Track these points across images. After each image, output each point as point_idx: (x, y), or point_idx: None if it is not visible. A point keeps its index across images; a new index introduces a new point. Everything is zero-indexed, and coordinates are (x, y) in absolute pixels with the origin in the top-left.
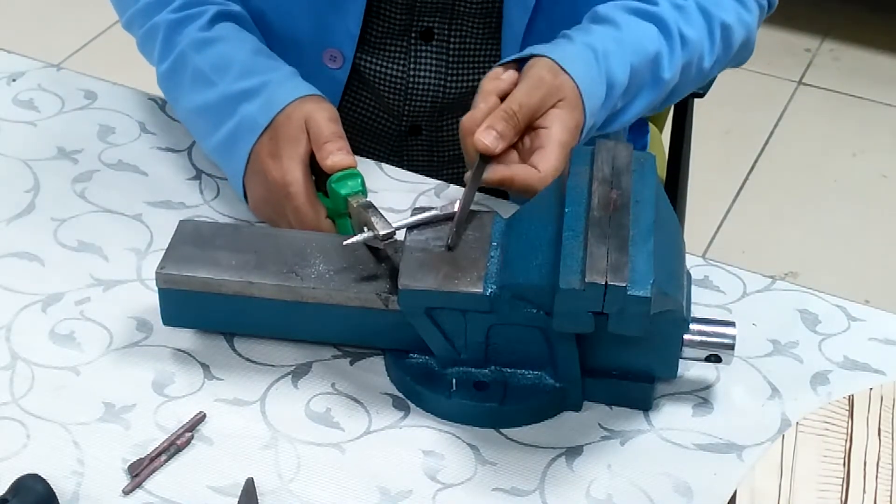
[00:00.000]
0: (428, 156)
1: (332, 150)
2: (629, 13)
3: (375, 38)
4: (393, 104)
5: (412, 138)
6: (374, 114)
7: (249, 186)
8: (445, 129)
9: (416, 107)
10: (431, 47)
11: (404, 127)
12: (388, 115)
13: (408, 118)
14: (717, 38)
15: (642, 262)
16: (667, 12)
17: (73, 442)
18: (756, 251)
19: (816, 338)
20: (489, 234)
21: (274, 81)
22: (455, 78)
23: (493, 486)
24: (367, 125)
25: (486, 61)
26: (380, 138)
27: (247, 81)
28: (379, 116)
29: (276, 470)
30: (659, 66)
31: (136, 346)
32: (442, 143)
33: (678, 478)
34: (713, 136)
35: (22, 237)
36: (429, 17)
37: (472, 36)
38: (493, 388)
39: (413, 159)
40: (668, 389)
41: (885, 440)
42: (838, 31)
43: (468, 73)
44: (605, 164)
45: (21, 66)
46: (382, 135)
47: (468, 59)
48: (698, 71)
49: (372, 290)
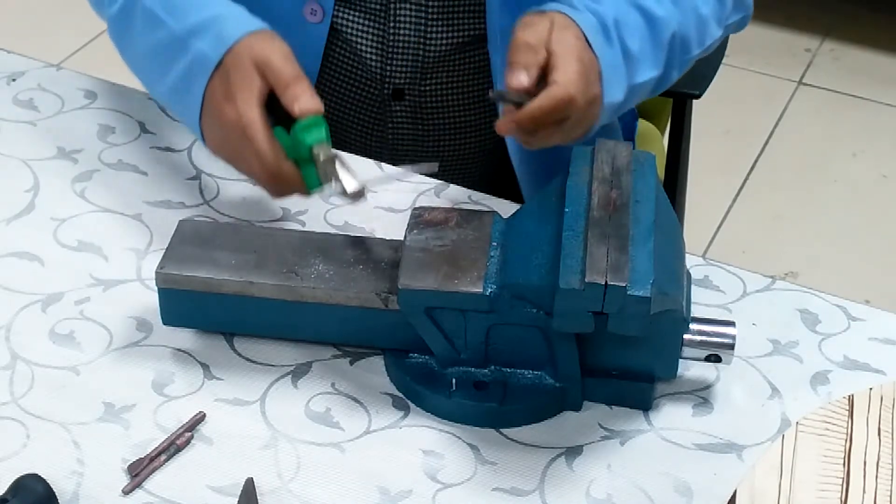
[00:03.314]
0: (412, 124)
1: (298, 94)
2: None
3: None
4: (374, 65)
5: (395, 104)
6: (356, 77)
7: (206, 129)
8: (429, 93)
9: (396, 67)
10: (410, 4)
11: (387, 91)
12: (370, 79)
13: (389, 80)
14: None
15: (642, 261)
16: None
17: (72, 442)
18: (756, 251)
19: (816, 338)
20: (489, 234)
21: (223, 16)
22: (437, 35)
23: (493, 486)
24: (348, 91)
25: (468, 17)
26: (362, 105)
27: (196, 16)
28: (360, 80)
29: (275, 470)
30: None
31: (135, 345)
32: (426, 109)
33: (678, 478)
34: (713, 136)
35: (22, 237)
36: None
37: None
38: (493, 388)
39: (397, 127)
40: (668, 389)
41: (885, 440)
42: (838, 31)
43: (451, 30)
44: (605, 163)
45: (21, 66)
46: (365, 101)
47: (450, 14)
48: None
49: (372, 290)
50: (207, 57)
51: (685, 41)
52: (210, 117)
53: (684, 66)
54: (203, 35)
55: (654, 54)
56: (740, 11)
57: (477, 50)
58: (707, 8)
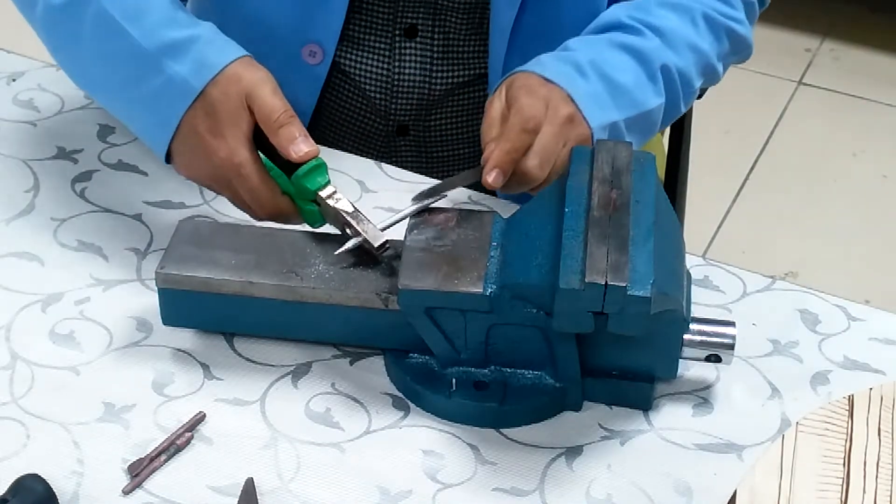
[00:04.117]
0: (417, 157)
1: (293, 138)
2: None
3: (357, 34)
4: (378, 102)
5: (400, 139)
6: (360, 112)
7: (181, 154)
8: (434, 128)
9: (401, 105)
10: (415, 43)
11: (391, 127)
12: (374, 115)
13: (394, 117)
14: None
15: (642, 262)
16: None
17: (72, 442)
18: (756, 251)
19: (816, 338)
20: (489, 234)
21: (201, 37)
22: (440, 74)
23: (493, 486)
24: (353, 125)
25: (471, 56)
26: (367, 139)
27: (169, 34)
28: (365, 115)
29: (275, 470)
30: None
31: (135, 346)
32: (431, 143)
33: (678, 478)
34: (713, 135)
35: (22, 237)
36: (412, 13)
37: (457, 31)
38: (493, 388)
39: (403, 161)
40: (668, 389)
41: (885, 440)
42: (838, 31)
43: (454, 69)
44: (605, 163)
45: (21, 66)
46: (370, 135)
47: (453, 54)
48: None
49: (372, 290)
50: (188, 83)
51: (684, 74)
52: (189, 146)
53: (690, 97)
54: (180, 57)
55: (651, 84)
56: (740, 54)
57: (479, 87)
58: (706, 44)
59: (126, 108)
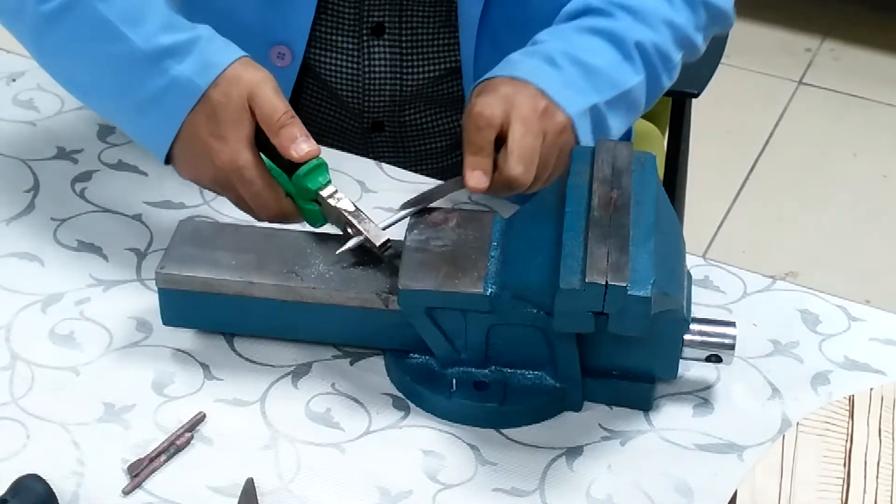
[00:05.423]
0: (394, 152)
1: (294, 138)
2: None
3: (325, 34)
4: (351, 102)
5: (376, 135)
6: (333, 112)
7: (182, 156)
8: (409, 124)
9: (374, 103)
10: (384, 41)
11: (366, 124)
12: (348, 113)
13: (368, 115)
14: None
15: (643, 262)
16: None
17: (72, 442)
18: (756, 251)
19: (817, 338)
20: (489, 234)
21: (202, 38)
22: (412, 70)
23: (494, 487)
24: (327, 123)
25: (443, 51)
26: (343, 136)
27: (170, 37)
28: (338, 114)
29: (275, 470)
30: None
31: (135, 346)
32: (407, 138)
33: (678, 478)
34: (713, 136)
35: (22, 237)
36: (378, 11)
37: (425, 27)
38: (493, 388)
39: (380, 157)
40: (669, 389)
41: (886, 440)
42: (838, 31)
43: (425, 65)
44: (605, 164)
45: (21, 66)
46: (345, 133)
47: (423, 50)
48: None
49: (372, 290)
50: (192, 82)
51: (661, 49)
52: (191, 148)
53: (672, 71)
54: (182, 58)
55: (628, 63)
56: (720, 24)
57: (453, 81)
58: (681, 18)
59: (125, 111)
